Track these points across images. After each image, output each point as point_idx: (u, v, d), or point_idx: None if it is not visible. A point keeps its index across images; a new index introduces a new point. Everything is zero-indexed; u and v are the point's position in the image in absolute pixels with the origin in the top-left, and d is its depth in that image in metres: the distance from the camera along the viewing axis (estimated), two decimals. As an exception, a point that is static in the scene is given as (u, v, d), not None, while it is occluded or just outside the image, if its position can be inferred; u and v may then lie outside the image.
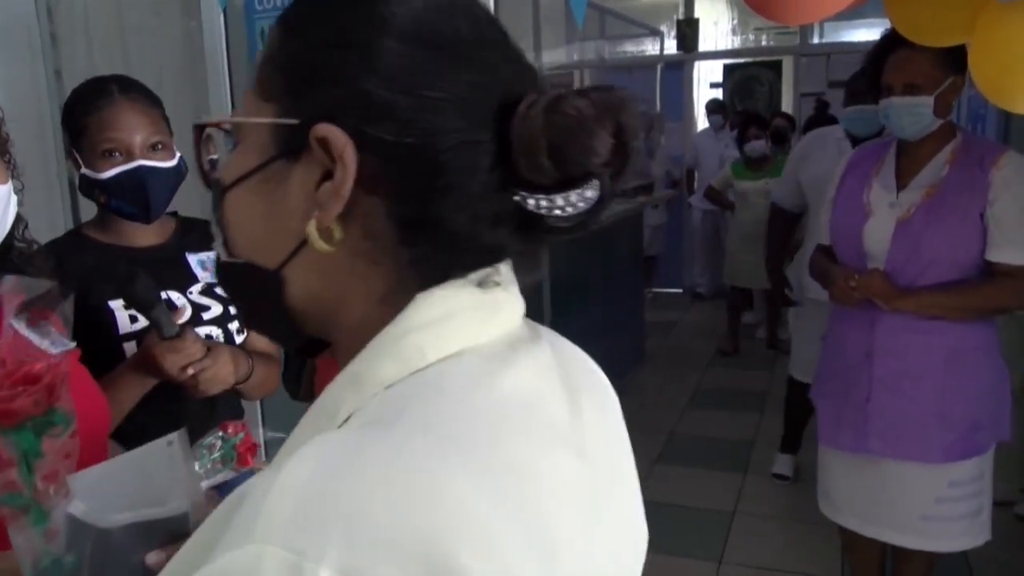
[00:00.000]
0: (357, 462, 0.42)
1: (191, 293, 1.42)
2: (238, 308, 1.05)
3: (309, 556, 0.38)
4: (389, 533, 0.39)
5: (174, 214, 1.49)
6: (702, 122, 6.92)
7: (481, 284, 0.52)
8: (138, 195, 1.34)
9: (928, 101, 1.79)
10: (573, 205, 0.49)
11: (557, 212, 0.49)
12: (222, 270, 0.57)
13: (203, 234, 1.47)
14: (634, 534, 0.59)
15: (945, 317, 1.82)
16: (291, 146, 0.50)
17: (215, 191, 0.55)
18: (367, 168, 0.47)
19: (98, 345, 1.27)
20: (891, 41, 1.82)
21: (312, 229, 0.49)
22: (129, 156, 1.32)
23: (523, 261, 0.56)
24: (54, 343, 0.80)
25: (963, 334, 1.84)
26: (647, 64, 7.27)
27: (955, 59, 1.76)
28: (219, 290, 1.46)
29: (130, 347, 1.32)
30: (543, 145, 0.47)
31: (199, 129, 0.57)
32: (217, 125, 0.57)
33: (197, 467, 0.94)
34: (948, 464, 1.85)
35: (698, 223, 6.39)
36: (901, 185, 1.89)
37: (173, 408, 1.30)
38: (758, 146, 4.72)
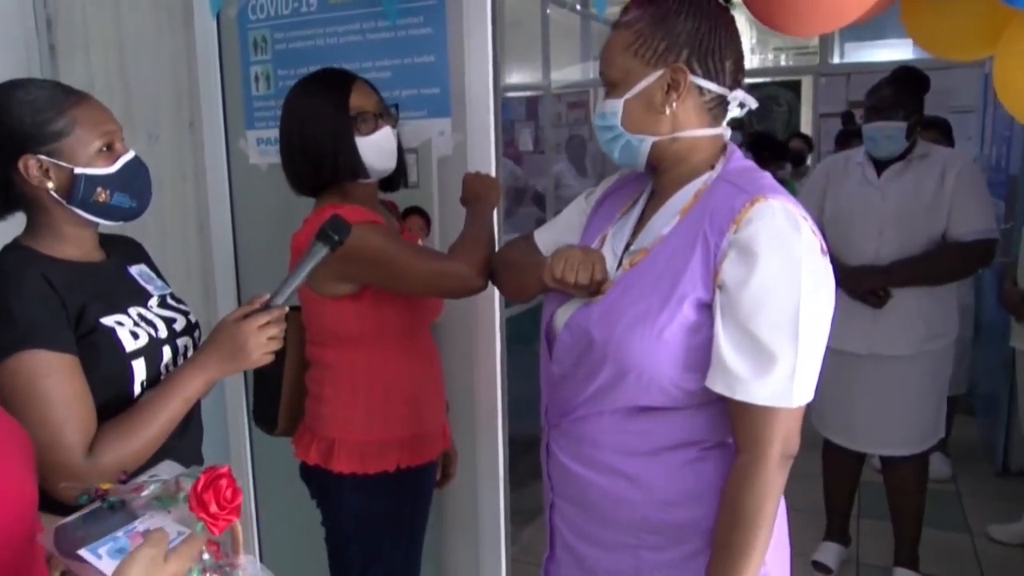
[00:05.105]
0: None
1: (151, 308, 1.34)
2: None
3: None
4: None
5: None
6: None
7: None
8: (140, 186, 1.30)
9: (614, 107, 1.19)
10: None
11: None
12: None
13: (125, 246, 1.42)
14: None
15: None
16: None
17: None
18: None
19: (106, 369, 1.21)
20: None
21: None
22: (119, 149, 1.27)
23: None
24: None
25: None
26: (664, 83, 7.17)
27: (669, 38, 1.14)
28: (171, 300, 1.40)
29: (138, 365, 1.25)
30: None
31: None
32: None
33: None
34: None
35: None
36: (632, 241, 1.24)
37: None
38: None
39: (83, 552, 0.82)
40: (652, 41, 1.15)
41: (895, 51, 4.98)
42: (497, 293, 1.93)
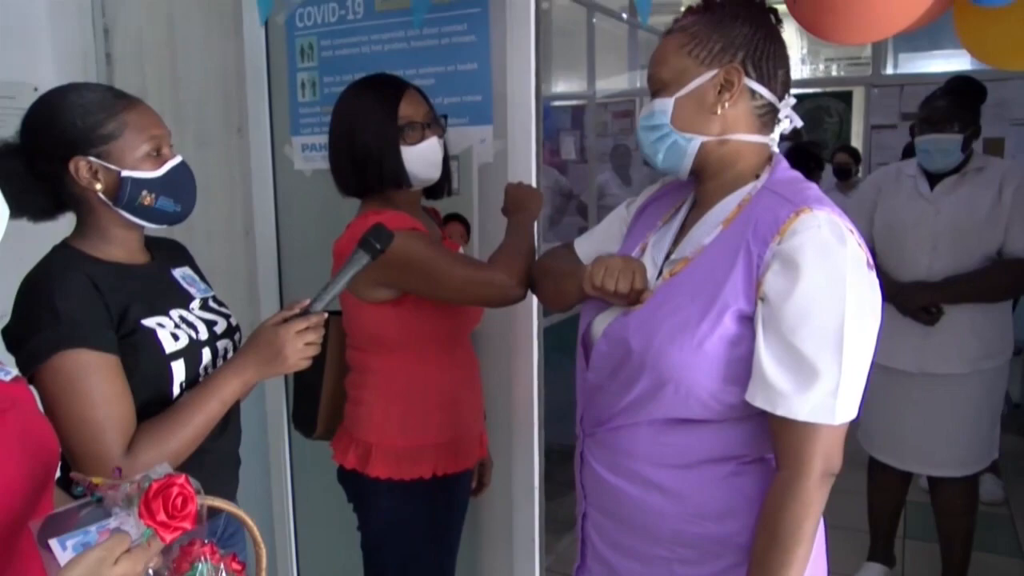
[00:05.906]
0: None
1: (193, 310, 1.36)
2: None
3: None
4: None
5: None
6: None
7: None
8: (185, 190, 1.32)
9: (664, 106, 1.16)
10: None
11: None
12: None
13: (170, 249, 1.45)
14: None
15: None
16: None
17: None
18: None
19: (146, 369, 1.24)
20: None
21: None
22: (167, 154, 1.30)
23: None
24: None
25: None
26: (711, 93, 7.10)
27: (725, 40, 1.13)
28: (213, 303, 1.42)
29: (178, 366, 1.27)
30: None
31: None
32: None
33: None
34: None
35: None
36: (673, 251, 1.22)
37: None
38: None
39: (52, 542, 0.83)
40: (707, 42, 1.14)
41: (951, 62, 4.85)
42: (535, 302, 1.91)
